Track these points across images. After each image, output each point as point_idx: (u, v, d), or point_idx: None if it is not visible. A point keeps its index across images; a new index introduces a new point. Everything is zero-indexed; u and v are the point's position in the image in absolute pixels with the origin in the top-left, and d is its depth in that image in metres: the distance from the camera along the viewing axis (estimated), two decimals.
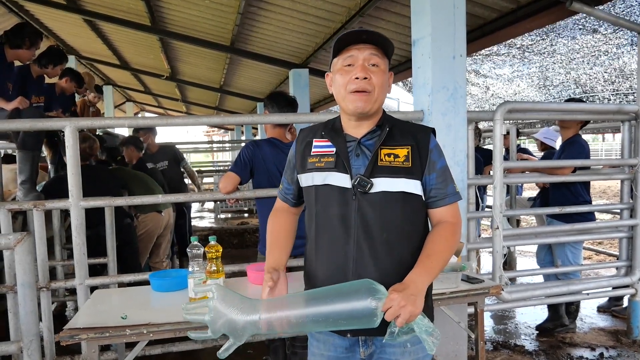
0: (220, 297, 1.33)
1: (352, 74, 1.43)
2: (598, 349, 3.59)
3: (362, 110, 1.44)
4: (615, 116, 3.74)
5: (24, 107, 3.22)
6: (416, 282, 1.32)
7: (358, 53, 1.43)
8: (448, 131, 2.99)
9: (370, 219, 1.43)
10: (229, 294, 1.35)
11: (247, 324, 1.29)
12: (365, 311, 1.24)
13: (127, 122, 3.19)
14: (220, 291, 1.35)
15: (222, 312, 1.31)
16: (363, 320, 1.25)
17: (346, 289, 1.29)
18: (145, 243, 4.47)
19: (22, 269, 1.97)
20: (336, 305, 1.25)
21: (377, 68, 1.44)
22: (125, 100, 18.83)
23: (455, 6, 2.93)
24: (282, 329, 1.30)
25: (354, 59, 1.43)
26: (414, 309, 1.25)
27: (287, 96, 3.06)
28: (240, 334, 1.31)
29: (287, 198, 1.71)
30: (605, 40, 6.22)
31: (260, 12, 6.16)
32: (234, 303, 1.33)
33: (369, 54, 1.43)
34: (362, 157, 1.46)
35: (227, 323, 1.31)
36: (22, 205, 2.74)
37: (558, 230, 3.68)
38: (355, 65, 1.43)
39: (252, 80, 10.86)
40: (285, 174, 1.69)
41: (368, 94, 1.42)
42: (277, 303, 1.33)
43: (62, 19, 8.30)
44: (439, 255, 1.41)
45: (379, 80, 1.44)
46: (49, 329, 2.70)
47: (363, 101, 1.42)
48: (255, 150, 2.85)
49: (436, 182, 1.48)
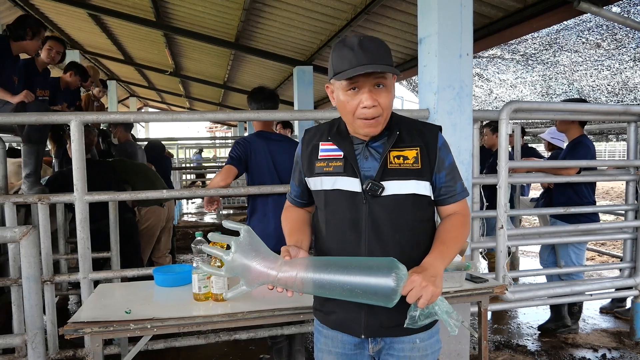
0: (246, 239, 1.33)
1: (359, 100, 1.36)
2: (600, 350, 3.58)
3: (373, 134, 1.42)
4: (621, 117, 3.73)
5: (29, 100, 3.22)
6: (434, 265, 1.33)
7: (364, 79, 1.34)
8: (453, 130, 2.98)
9: (381, 222, 1.42)
10: (256, 240, 1.35)
11: (263, 276, 1.30)
12: (385, 289, 1.24)
13: (132, 116, 3.19)
14: (249, 234, 1.34)
15: (244, 253, 1.31)
16: (380, 297, 1.25)
17: (370, 263, 1.29)
18: (148, 237, 4.46)
19: (27, 262, 1.98)
20: (357, 276, 1.25)
21: (384, 88, 1.37)
22: (129, 95, 18.86)
23: (463, 5, 2.92)
24: (297, 288, 1.30)
25: (359, 84, 1.35)
26: (435, 289, 1.26)
27: (265, 91, 3.12)
28: (252, 282, 1.32)
29: (296, 200, 1.69)
30: (608, 55, 6.19)
31: (265, 8, 6.15)
32: (259, 249, 1.33)
33: (374, 78, 1.35)
34: (371, 160, 1.45)
35: (244, 267, 1.31)
36: (27, 198, 2.74)
37: (562, 230, 3.67)
38: (360, 90, 1.35)
39: (256, 77, 10.85)
40: (293, 178, 1.67)
41: (377, 119, 1.38)
42: (297, 263, 1.32)
43: (66, 13, 8.31)
44: (452, 241, 1.43)
45: (387, 101, 1.38)
46: (52, 322, 2.70)
47: (373, 127, 1.39)
48: (246, 146, 2.94)
49: (445, 180, 1.48)
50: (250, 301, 2.09)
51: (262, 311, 1.98)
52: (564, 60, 6.77)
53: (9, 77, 3.46)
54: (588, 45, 6.06)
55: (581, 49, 6.18)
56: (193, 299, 2.10)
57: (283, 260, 1.34)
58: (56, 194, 2.77)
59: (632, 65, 6.39)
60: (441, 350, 1.59)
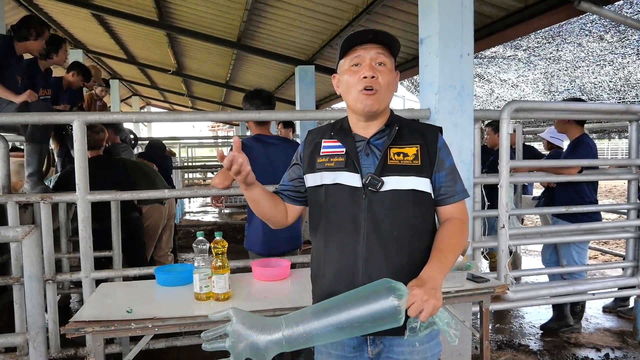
0: (239, 320, 1.30)
1: (360, 73, 1.43)
2: (603, 349, 3.58)
3: (370, 108, 1.44)
4: (622, 116, 3.72)
5: (32, 100, 3.24)
6: (433, 277, 1.33)
7: (364, 53, 1.44)
8: (455, 130, 2.98)
9: (380, 217, 1.43)
10: (247, 315, 1.32)
11: (270, 344, 1.27)
12: (388, 310, 1.22)
13: (134, 116, 3.19)
14: (239, 314, 1.32)
15: (243, 335, 1.28)
16: (388, 320, 1.24)
17: (365, 292, 1.27)
18: (150, 235, 4.48)
19: (29, 261, 1.98)
20: (359, 309, 1.24)
21: (384, 67, 1.45)
22: (132, 94, 18.90)
23: (463, 4, 2.92)
24: (306, 343, 1.28)
25: (360, 58, 1.45)
26: (436, 302, 1.26)
27: (263, 93, 3.07)
28: (263, 354, 1.28)
29: (280, 191, 1.69)
30: (611, 49, 6.16)
31: (267, 8, 6.15)
32: (254, 324, 1.30)
33: (376, 53, 1.44)
34: (372, 156, 1.47)
35: (249, 346, 1.28)
36: (30, 197, 2.76)
37: (564, 229, 3.67)
38: (362, 64, 1.44)
39: (258, 76, 10.86)
40: (287, 173, 1.68)
41: (376, 93, 1.43)
42: (298, 317, 1.30)
43: (70, 13, 8.33)
44: (450, 250, 1.43)
45: (386, 80, 1.45)
46: (54, 321, 2.71)
47: (372, 99, 1.43)
48: (244, 150, 2.88)
49: (445, 180, 1.49)
50: (251, 301, 2.10)
51: (263, 311, 1.98)
52: (567, 55, 6.74)
53: (13, 77, 3.49)
54: (591, 38, 6.03)
55: (584, 42, 6.15)
56: (194, 298, 2.11)
57: (282, 318, 1.31)
58: (58, 193, 2.78)
59: (635, 60, 6.36)
60: (443, 350, 1.59)
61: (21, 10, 7.62)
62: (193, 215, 11.61)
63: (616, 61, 6.55)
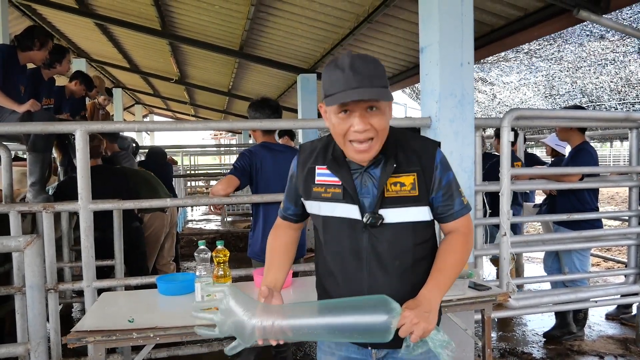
0: (232, 297, 1.32)
1: (350, 123, 1.30)
2: (606, 357, 3.56)
3: (366, 160, 1.38)
4: (623, 124, 3.72)
5: (35, 109, 3.26)
6: (429, 299, 1.32)
7: (354, 105, 1.28)
8: (455, 138, 2.99)
9: (382, 249, 1.41)
10: (241, 296, 1.34)
11: (256, 328, 1.29)
12: (379, 326, 1.24)
13: (136, 126, 3.21)
14: (233, 292, 1.34)
15: (232, 313, 1.31)
16: (376, 335, 1.26)
17: (362, 303, 1.29)
18: (153, 243, 4.46)
19: (31, 271, 1.99)
20: (351, 317, 1.25)
21: (377, 111, 1.31)
22: (134, 103, 18.98)
23: (463, 14, 2.94)
24: (294, 337, 1.29)
25: (350, 107, 1.29)
26: (427, 325, 1.26)
27: (271, 103, 3.10)
28: (247, 336, 1.30)
29: (288, 216, 1.67)
30: (612, 47, 6.19)
31: (269, 17, 6.19)
32: (246, 305, 1.32)
33: (366, 102, 1.28)
34: (370, 186, 1.41)
35: (235, 324, 1.30)
36: (32, 207, 2.77)
37: (565, 237, 3.66)
38: (352, 113, 1.30)
39: (260, 85, 10.91)
40: (287, 194, 1.64)
41: (370, 143, 1.32)
42: (290, 310, 1.32)
43: (74, 23, 8.40)
44: (450, 269, 1.41)
45: (381, 124, 1.31)
46: (55, 330, 2.71)
47: (365, 152, 1.33)
48: (251, 157, 2.93)
49: (442, 199, 1.45)
50: None
51: None
52: (568, 56, 6.76)
53: (16, 87, 3.51)
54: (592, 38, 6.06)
55: (585, 41, 6.18)
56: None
57: (274, 307, 1.34)
58: (61, 203, 2.79)
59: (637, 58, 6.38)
60: None
61: (25, 19, 7.69)
62: (195, 223, 11.60)
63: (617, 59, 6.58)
